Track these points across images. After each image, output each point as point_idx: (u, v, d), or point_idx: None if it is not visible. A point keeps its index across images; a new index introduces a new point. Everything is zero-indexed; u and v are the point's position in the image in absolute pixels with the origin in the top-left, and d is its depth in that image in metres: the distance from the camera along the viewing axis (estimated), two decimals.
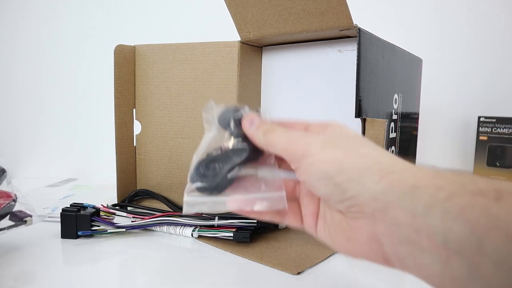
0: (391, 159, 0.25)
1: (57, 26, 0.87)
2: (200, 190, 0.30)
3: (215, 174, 0.30)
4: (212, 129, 0.32)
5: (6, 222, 0.40)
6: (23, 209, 0.42)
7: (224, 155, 0.30)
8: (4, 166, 0.43)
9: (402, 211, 0.22)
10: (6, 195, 0.41)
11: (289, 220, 0.33)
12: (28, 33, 0.86)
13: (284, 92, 0.53)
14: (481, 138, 0.95)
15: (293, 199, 0.33)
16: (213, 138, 0.31)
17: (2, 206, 0.39)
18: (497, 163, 0.92)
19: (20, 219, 0.42)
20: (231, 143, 0.31)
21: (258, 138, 0.30)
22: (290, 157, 0.28)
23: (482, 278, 0.19)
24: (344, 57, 0.47)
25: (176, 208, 0.54)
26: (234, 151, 0.30)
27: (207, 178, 0.30)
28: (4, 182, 0.42)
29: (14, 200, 0.41)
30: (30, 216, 0.42)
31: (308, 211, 0.31)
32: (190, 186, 0.31)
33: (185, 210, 0.31)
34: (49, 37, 0.87)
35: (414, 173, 0.23)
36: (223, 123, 0.31)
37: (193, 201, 0.30)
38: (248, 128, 0.31)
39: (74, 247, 0.43)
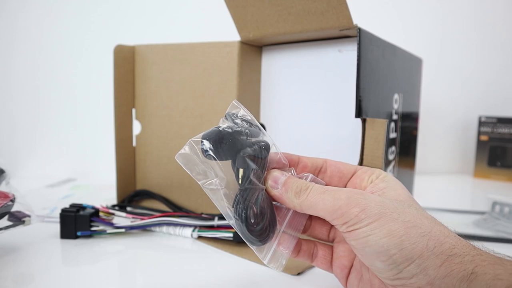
0: (453, 238, 0.24)
1: (56, 26, 0.87)
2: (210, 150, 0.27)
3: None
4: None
5: (4, 222, 0.40)
6: (21, 209, 0.42)
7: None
8: (3, 167, 0.43)
9: None
10: (4, 195, 0.41)
11: (316, 265, 0.31)
12: (27, 33, 0.86)
13: (284, 92, 0.52)
14: (481, 138, 0.95)
15: (325, 240, 0.32)
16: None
17: (0, 206, 0.39)
18: (498, 163, 0.92)
19: (18, 219, 0.42)
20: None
21: (289, 199, 0.28)
22: (337, 220, 0.25)
23: None
24: (344, 57, 0.46)
25: (175, 208, 0.54)
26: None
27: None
28: (3, 182, 0.42)
29: (12, 201, 0.41)
30: (29, 216, 0.42)
31: (340, 262, 0.30)
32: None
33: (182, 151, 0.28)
34: (48, 37, 0.87)
35: (474, 257, 0.23)
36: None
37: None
38: (272, 189, 0.28)
39: (73, 247, 0.43)
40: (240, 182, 0.28)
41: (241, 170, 0.28)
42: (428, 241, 0.23)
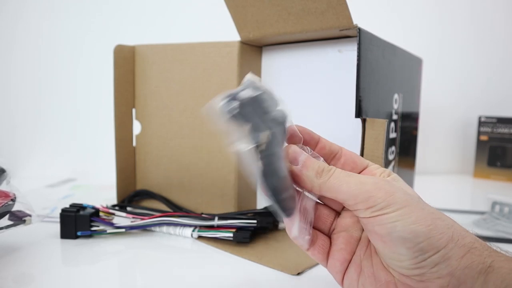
0: (472, 234, 0.25)
1: (56, 26, 0.87)
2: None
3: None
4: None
5: (5, 221, 0.40)
6: (22, 208, 0.42)
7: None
8: (3, 166, 0.43)
9: None
10: (5, 194, 0.41)
11: (312, 254, 0.30)
12: (27, 33, 0.86)
13: (284, 92, 0.52)
14: (481, 138, 0.95)
15: (326, 232, 0.31)
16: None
17: (0, 205, 0.39)
18: (498, 163, 0.92)
19: (19, 218, 0.42)
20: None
21: (309, 178, 0.27)
22: (362, 204, 0.25)
23: None
24: (344, 57, 0.46)
25: (175, 208, 0.54)
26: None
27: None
28: (4, 182, 0.42)
29: (13, 200, 0.41)
30: (29, 215, 0.42)
31: (341, 255, 0.29)
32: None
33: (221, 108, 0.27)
34: (48, 37, 0.87)
35: (491, 253, 0.24)
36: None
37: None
38: (291, 164, 0.28)
39: (73, 247, 0.43)
40: (264, 147, 0.26)
41: (265, 134, 0.26)
42: (453, 233, 0.24)
